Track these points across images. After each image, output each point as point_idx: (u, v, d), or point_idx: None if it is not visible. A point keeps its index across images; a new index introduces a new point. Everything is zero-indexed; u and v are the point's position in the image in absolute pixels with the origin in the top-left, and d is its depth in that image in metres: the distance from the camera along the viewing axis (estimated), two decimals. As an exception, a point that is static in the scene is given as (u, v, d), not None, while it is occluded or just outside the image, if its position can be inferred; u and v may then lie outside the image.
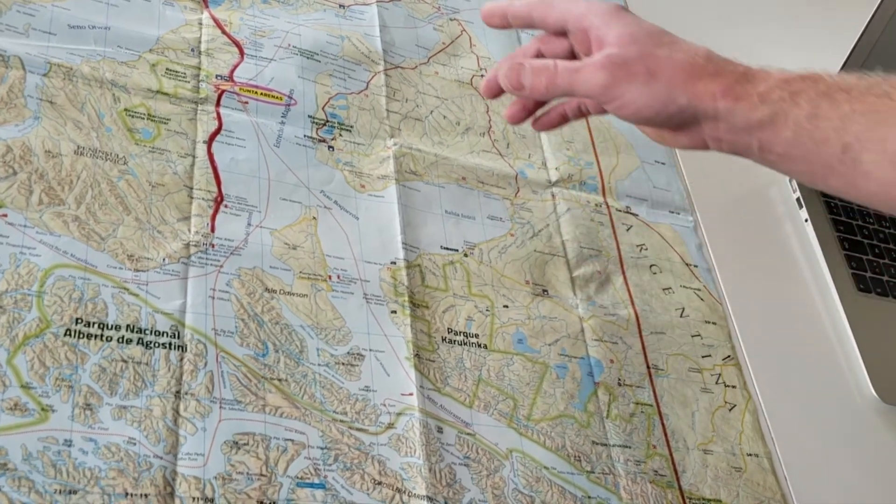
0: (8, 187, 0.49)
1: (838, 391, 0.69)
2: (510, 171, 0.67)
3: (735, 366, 0.65)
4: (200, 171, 0.55)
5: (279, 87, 0.61)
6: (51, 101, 0.53)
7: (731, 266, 0.72)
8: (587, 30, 0.54)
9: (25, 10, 0.56)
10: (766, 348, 0.68)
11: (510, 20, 0.56)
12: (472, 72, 0.71)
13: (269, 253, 0.54)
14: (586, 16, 0.54)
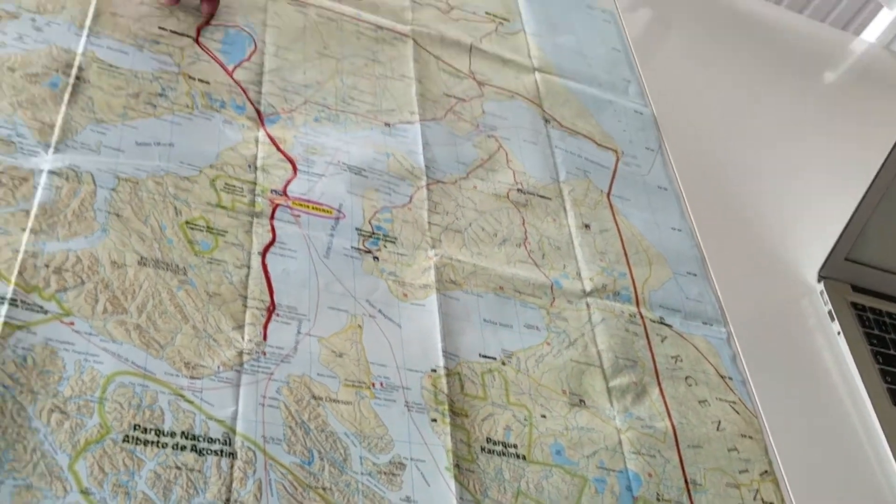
0: (76, 296, 0.52)
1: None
2: (546, 280, 0.69)
3: (773, 481, 0.66)
4: (255, 282, 0.58)
5: (329, 202, 0.65)
6: (118, 214, 0.56)
7: (766, 379, 0.73)
8: None
9: (98, 129, 0.60)
10: (802, 463, 0.68)
11: None
12: (509, 186, 0.74)
13: (317, 360, 0.56)
14: None
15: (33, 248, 0.53)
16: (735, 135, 0.95)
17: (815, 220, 0.90)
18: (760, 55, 1.12)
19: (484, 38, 0.85)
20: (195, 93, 0.66)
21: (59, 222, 0.54)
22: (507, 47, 0.86)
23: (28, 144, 0.57)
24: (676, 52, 1.04)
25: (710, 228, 0.82)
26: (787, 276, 0.85)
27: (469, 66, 0.82)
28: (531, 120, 0.81)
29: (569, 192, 0.77)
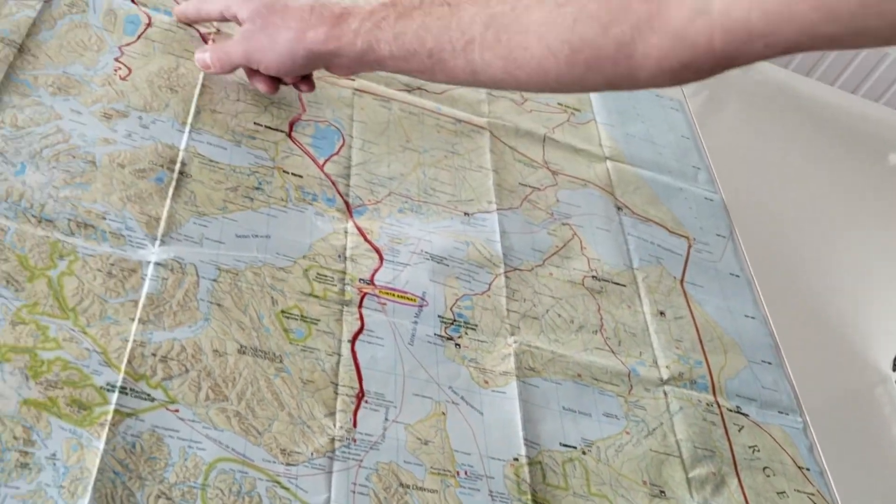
0: (181, 384, 0.55)
1: None
2: (623, 368, 0.70)
3: (854, 574, 0.65)
4: (345, 369, 0.60)
5: (413, 290, 0.67)
6: (219, 304, 0.60)
7: (843, 469, 0.72)
8: (234, 16, 0.71)
9: (200, 222, 0.64)
10: (885, 557, 0.67)
11: (190, 20, 0.76)
12: (584, 273, 0.76)
13: (404, 448, 0.58)
14: (229, 6, 0.71)
15: (141, 337, 0.56)
16: (805, 221, 0.96)
17: (888, 309, 0.90)
18: (828, 139, 1.14)
19: (556, 128, 0.89)
20: (289, 186, 0.70)
21: (165, 312, 0.58)
22: (578, 137, 0.89)
23: (136, 237, 0.61)
24: (744, 139, 1.06)
25: (783, 316, 0.82)
26: (861, 365, 0.85)
27: (543, 155, 0.85)
28: (604, 207, 0.83)
29: (643, 278, 0.78)
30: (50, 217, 0.59)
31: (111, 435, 0.51)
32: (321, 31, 0.66)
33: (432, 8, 0.62)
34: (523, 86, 0.61)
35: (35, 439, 0.49)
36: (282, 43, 0.67)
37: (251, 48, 0.69)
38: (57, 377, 0.52)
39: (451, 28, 0.60)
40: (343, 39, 0.65)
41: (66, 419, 0.50)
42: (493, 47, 0.59)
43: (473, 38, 0.60)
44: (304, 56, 0.67)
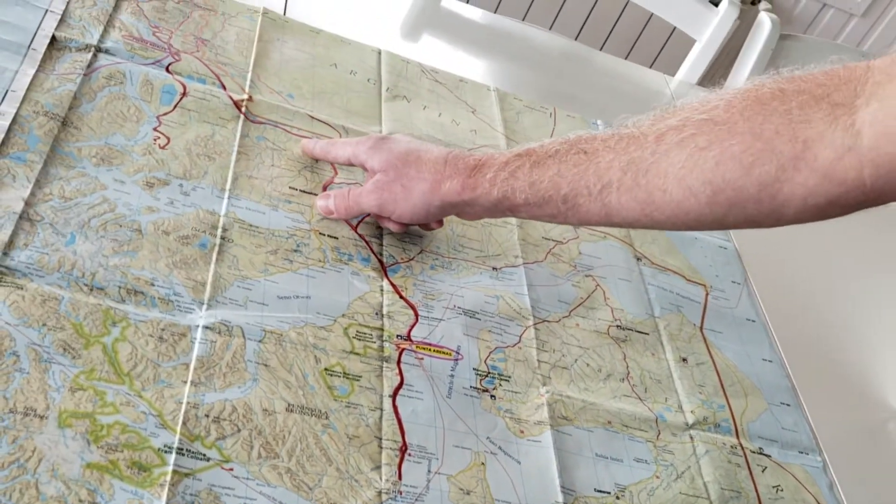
0: (234, 443, 0.57)
1: None
2: (650, 414, 0.73)
3: None
4: (388, 423, 0.63)
5: (448, 344, 0.70)
6: (266, 365, 0.63)
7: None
8: (363, 164, 0.74)
9: (244, 285, 0.67)
10: None
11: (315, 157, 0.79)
12: (608, 322, 0.79)
13: (447, 498, 0.60)
14: (356, 154, 0.74)
15: (194, 399, 0.59)
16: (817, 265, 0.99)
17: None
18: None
19: (575, 182, 0.92)
20: (325, 247, 0.73)
21: (216, 374, 0.61)
22: (596, 190, 0.92)
23: (184, 302, 0.64)
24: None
25: (799, 358, 0.85)
26: (873, 401, 0.87)
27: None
28: (624, 259, 0.86)
29: (664, 326, 0.81)
30: (101, 285, 0.62)
31: (171, 495, 0.53)
32: (457, 182, 0.68)
33: (568, 156, 0.64)
34: (659, 225, 0.62)
35: (99, 501, 0.51)
36: (417, 194, 0.70)
37: (385, 199, 0.71)
38: (117, 440, 0.55)
39: (587, 174, 0.62)
40: (478, 189, 0.68)
41: (127, 481, 0.53)
42: (631, 190, 0.61)
43: (610, 182, 0.61)
44: (438, 206, 0.70)
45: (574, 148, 0.64)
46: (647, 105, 1.17)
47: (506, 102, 0.98)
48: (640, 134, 0.61)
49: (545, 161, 0.65)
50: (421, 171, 0.70)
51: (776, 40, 1.24)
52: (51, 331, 0.58)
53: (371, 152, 0.73)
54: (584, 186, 0.63)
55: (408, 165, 0.71)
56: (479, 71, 1.04)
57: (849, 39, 2.26)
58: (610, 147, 0.62)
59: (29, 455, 0.52)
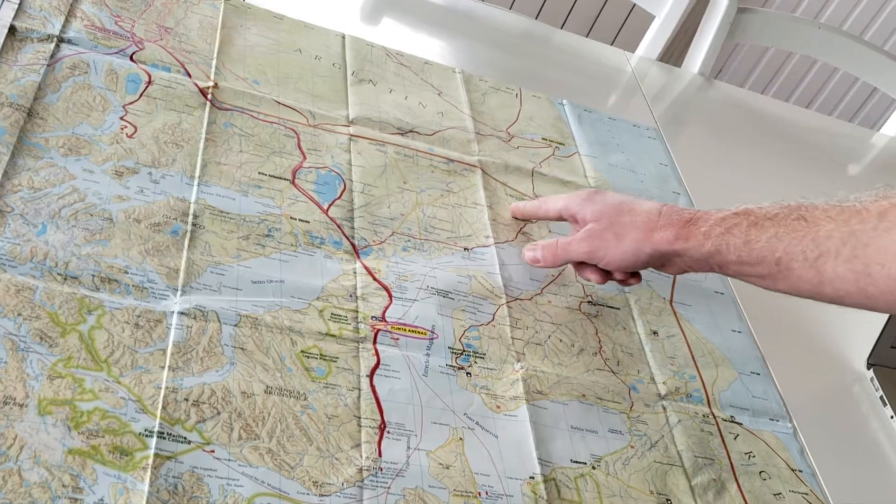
0: (214, 426, 0.58)
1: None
2: (623, 386, 0.74)
3: (852, 568, 0.69)
4: (366, 402, 0.63)
5: (423, 324, 0.71)
6: (242, 348, 0.63)
7: (832, 469, 0.77)
8: (574, 215, 0.77)
9: (217, 270, 0.67)
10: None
11: (527, 217, 0.83)
12: (580, 299, 0.80)
13: (427, 473, 0.61)
14: (568, 207, 0.77)
15: (173, 383, 0.59)
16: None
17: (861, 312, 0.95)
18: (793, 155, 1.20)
19: (543, 162, 0.93)
20: (297, 231, 0.73)
21: (193, 359, 0.61)
22: (564, 169, 0.94)
23: (158, 289, 0.64)
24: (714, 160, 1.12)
25: (767, 329, 0.87)
26: (839, 366, 0.90)
27: (532, 189, 0.89)
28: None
29: (635, 301, 0.83)
30: (74, 274, 0.62)
31: (154, 477, 0.53)
32: (670, 232, 0.70)
33: (787, 221, 0.65)
34: (871, 301, 0.62)
35: (83, 486, 0.52)
36: (629, 241, 0.72)
37: (596, 245, 0.74)
38: (97, 426, 0.55)
39: (805, 240, 0.63)
40: (691, 241, 0.69)
41: (110, 465, 0.53)
42: (849, 262, 0.61)
43: (828, 251, 0.62)
44: (648, 254, 0.72)
45: (794, 213, 0.65)
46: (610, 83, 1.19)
47: (471, 84, 0.99)
48: (862, 208, 0.61)
49: (763, 222, 0.66)
50: (634, 220, 0.72)
51: (734, 14, 1.26)
52: (26, 320, 0.58)
53: (584, 204, 0.76)
54: (800, 252, 0.63)
55: (621, 214, 0.73)
56: (443, 53, 1.05)
57: (807, 12, 2.30)
58: (831, 217, 0.63)
59: (10, 443, 0.52)
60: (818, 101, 2.51)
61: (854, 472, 0.78)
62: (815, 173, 1.20)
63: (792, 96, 2.49)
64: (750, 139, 1.20)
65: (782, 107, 1.42)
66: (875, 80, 1.43)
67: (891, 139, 1.38)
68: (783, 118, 1.32)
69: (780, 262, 0.65)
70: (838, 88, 2.47)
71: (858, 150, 1.34)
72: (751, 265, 0.67)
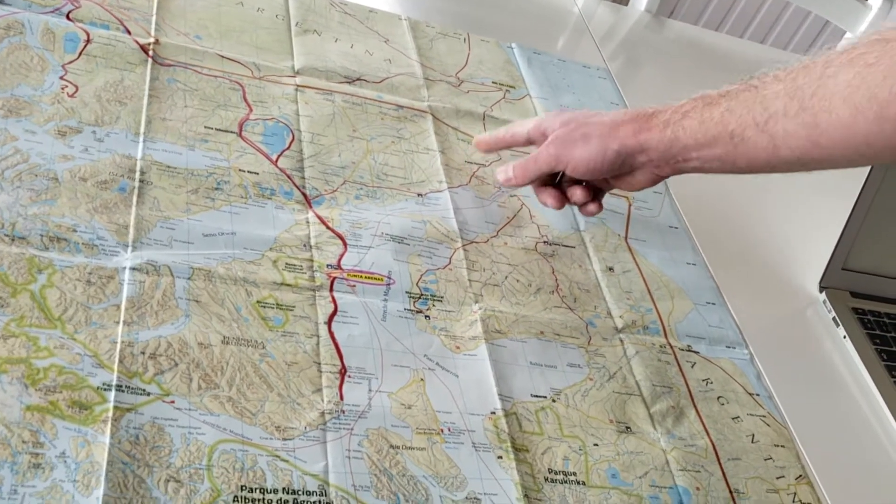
0: (172, 377, 0.58)
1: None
2: (580, 322, 0.75)
3: (807, 484, 0.71)
4: (325, 348, 0.64)
5: (379, 270, 0.71)
6: (197, 301, 0.63)
7: (788, 391, 0.79)
8: (544, 132, 0.76)
9: (167, 225, 0.67)
10: (831, 463, 0.74)
11: (493, 147, 0.83)
12: (535, 239, 0.81)
13: (390, 413, 0.62)
14: (539, 124, 0.77)
15: (128, 337, 0.59)
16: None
17: (811, 237, 0.97)
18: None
19: (494, 105, 0.93)
20: (247, 183, 0.72)
21: (147, 313, 0.61)
22: (516, 112, 0.94)
23: (109, 245, 0.64)
24: (666, 99, 1.12)
25: (720, 259, 0.88)
26: (792, 292, 0.92)
27: (484, 132, 0.89)
28: (546, 176, 0.88)
29: (590, 239, 0.83)
30: (22, 234, 0.61)
31: (114, 430, 0.53)
32: (632, 125, 0.70)
33: (738, 93, 0.64)
34: (827, 154, 0.61)
35: (43, 441, 0.51)
36: (594, 141, 0.71)
37: (561, 150, 0.73)
38: (54, 382, 0.54)
39: (755, 106, 0.62)
40: (653, 131, 0.69)
41: (69, 420, 0.53)
42: (797, 116, 0.60)
43: (777, 111, 0.61)
44: (615, 150, 0.71)
45: (745, 85, 0.64)
46: (558, 25, 1.19)
47: (418, 31, 0.98)
48: (810, 63, 0.60)
49: (717, 100, 0.65)
50: (602, 119, 0.72)
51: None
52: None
53: (553, 117, 0.76)
54: (751, 119, 0.63)
55: (588, 117, 0.73)
56: (387, 0, 1.04)
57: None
58: (779, 79, 0.62)
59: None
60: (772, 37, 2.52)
61: (810, 393, 0.81)
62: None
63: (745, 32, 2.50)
64: (703, 76, 1.21)
65: (735, 42, 1.43)
66: (826, 12, 1.44)
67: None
68: (736, 54, 1.33)
69: (734, 135, 0.64)
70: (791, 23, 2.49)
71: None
72: (709, 146, 0.66)
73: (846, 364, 0.85)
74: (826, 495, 0.71)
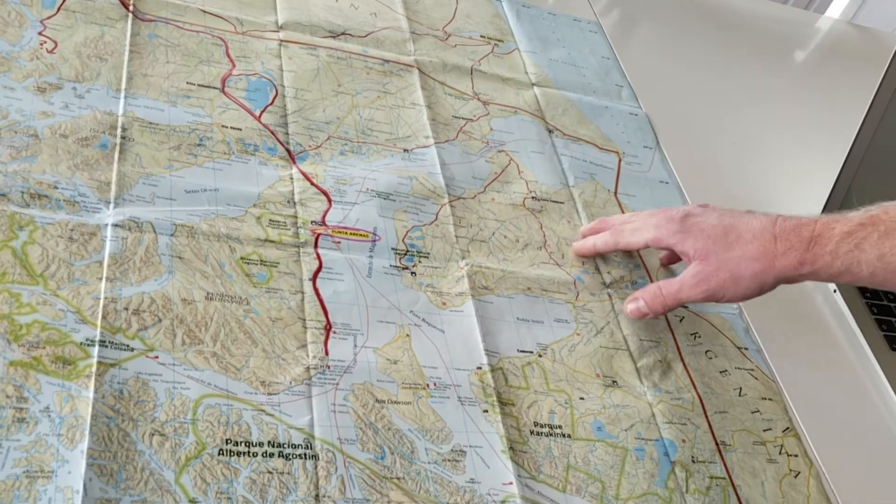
0: (156, 333, 0.58)
1: (890, 447, 0.74)
2: (568, 278, 0.75)
3: (794, 436, 0.71)
4: (310, 305, 0.63)
5: (364, 226, 0.70)
6: (180, 257, 0.62)
7: (777, 345, 0.79)
8: (670, 247, 0.71)
9: (149, 182, 0.66)
10: (819, 416, 0.74)
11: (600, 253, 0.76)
12: (524, 195, 0.80)
13: (375, 369, 0.62)
14: (661, 240, 0.70)
15: (111, 294, 0.58)
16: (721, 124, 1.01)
17: (802, 192, 0.96)
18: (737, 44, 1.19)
19: (482, 60, 0.92)
20: (230, 140, 0.72)
21: (130, 269, 0.60)
22: (504, 66, 0.93)
23: (90, 202, 0.63)
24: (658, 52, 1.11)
25: (710, 214, 0.88)
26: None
27: (472, 87, 0.88)
28: (536, 132, 0.87)
29: (579, 194, 0.83)
30: (2, 191, 0.61)
31: (98, 384, 0.53)
32: (793, 258, 0.64)
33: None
34: None
35: (27, 395, 0.51)
36: (748, 277, 0.66)
37: (713, 290, 0.67)
38: (37, 338, 0.54)
39: None
40: (818, 263, 0.64)
41: (53, 375, 0.53)
42: None
43: None
44: (772, 283, 0.66)
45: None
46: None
47: (406, -15, 0.97)
48: None
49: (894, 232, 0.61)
50: (747, 250, 0.66)
51: None
52: (-49, 238, 0.57)
53: (680, 237, 0.69)
54: None
55: (729, 248, 0.66)
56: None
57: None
58: None
59: (-58, 358, 0.51)
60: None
61: (799, 347, 0.81)
62: (760, 61, 1.19)
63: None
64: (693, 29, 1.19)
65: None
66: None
67: (835, 22, 1.38)
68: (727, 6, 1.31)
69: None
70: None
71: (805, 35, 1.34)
72: (887, 278, 0.62)
73: (836, 318, 0.85)
74: (813, 447, 0.71)
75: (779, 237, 0.65)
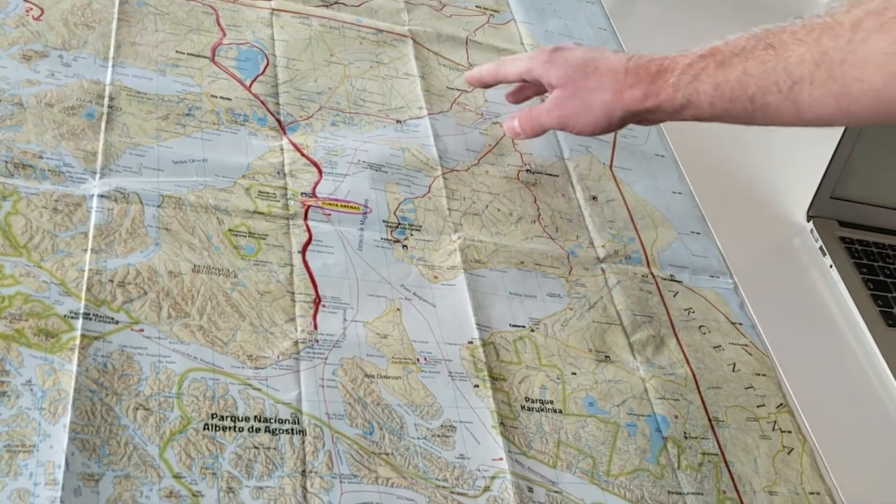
0: (141, 306, 0.57)
1: (884, 423, 0.74)
2: (562, 252, 0.74)
3: (788, 412, 0.71)
4: (299, 278, 0.62)
5: (355, 199, 0.69)
6: (167, 229, 0.61)
7: (772, 319, 0.78)
8: (537, 79, 0.73)
9: (136, 152, 0.65)
10: (813, 392, 0.73)
11: (485, 83, 0.78)
12: (518, 168, 0.79)
13: (365, 343, 0.61)
14: (530, 70, 0.73)
15: (96, 266, 0.57)
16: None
17: (799, 166, 0.95)
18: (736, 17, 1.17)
19: (477, 30, 0.90)
20: (219, 110, 0.71)
21: (116, 241, 0.59)
22: (500, 37, 0.91)
23: (76, 172, 0.62)
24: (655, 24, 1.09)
25: (706, 188, 0.87)
26: (779, 221, 0.91)
27: (467, 58, 0.87)
28: (530, 103, 0.85)
29: (574, 167, 0.82)
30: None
31: (82, 357, 0.52)
32: (639, 90, 0.66)
33: (754, 52, 0.60)
34: (856, 120, 0.59)
35: (8, 369, 0.51)
36: (598, 106, 0.68)
37: (565, 114, 0.70)
38: (20, 310, 0.53)
39: (776, 71, 0.59)
40: (662, 95, 0.65)
41: (35, 348, 0.52)
42: (825, 84, 0.57)
43: (802, 77, 0.58)
44: (620, 116, 0.68)
45: (761, 43, 0.60)
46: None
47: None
48: (834, 23, 0.56)
49: (730, 60, 0.61)
50: (601, 81, 0.68)
51: None
52: (-68, 208, 0.56)
53: (546, 66, 0.71)
54: (772, 84, 0.59)
55: (586, 77, 0.68)
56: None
57: None
58: (800, 39, 0.58)
59: (-78, 330, 0.50)
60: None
61: (794, 323, 0.80)
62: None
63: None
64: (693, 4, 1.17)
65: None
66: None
67: (837, 0, 1.36)
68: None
69: (753, 100, 0.61)
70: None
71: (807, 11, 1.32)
72: (725, 108, 0.63)
73: (832, 293, 0.84)
74: (806, 423, 0.71)
75: (630, 71, 0.67)
